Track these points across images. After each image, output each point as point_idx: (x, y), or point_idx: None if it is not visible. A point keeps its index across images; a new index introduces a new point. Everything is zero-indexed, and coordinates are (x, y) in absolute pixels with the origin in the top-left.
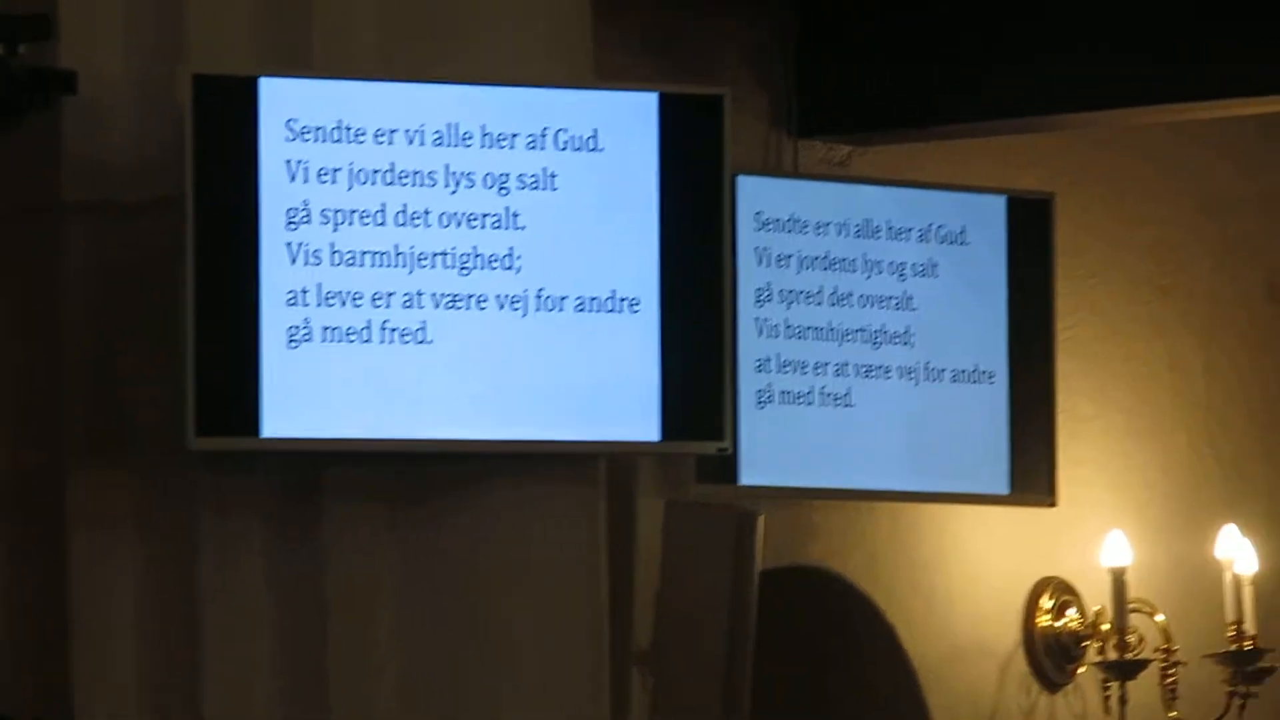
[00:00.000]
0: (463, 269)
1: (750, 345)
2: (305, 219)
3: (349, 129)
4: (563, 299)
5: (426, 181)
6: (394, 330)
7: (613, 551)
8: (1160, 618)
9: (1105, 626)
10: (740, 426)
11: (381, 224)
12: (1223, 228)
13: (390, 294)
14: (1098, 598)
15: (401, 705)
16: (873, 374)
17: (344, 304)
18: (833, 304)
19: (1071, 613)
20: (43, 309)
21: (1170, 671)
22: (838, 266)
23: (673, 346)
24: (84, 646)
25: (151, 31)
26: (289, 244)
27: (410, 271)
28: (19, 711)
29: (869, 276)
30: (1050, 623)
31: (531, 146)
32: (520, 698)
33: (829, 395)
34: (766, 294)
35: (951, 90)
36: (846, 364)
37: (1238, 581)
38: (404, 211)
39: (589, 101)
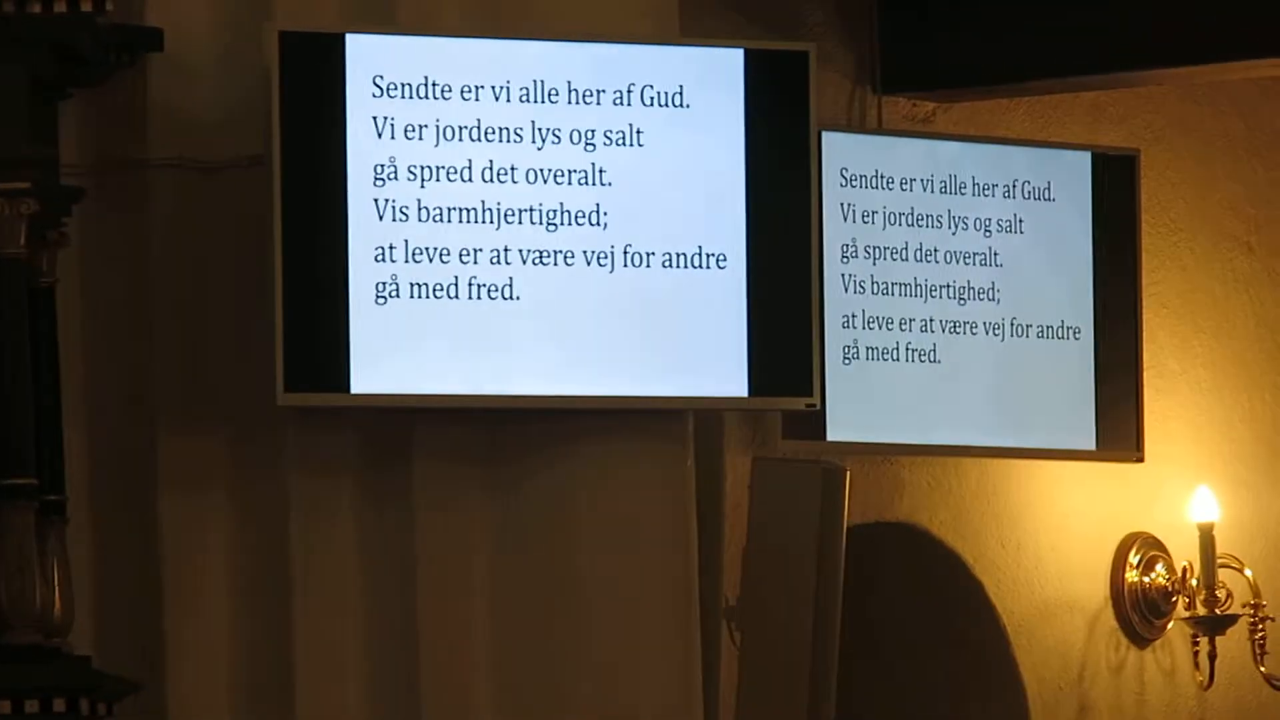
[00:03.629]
0: (550, 225)
1: (836, 301)
2: (392, 175)
3: (435, 85)
4: (650, 255)
5: (513, 138)
6: (481, 286)
7: (700, 507)
8: (1249, 573)
9: (1193, 582)
10: (827, 382)
11: (469, 180)
12: None
13: (478, 250)
14: (1185, 553)
15: (493, 661)
16: (959, 330)
17: (431, 260)
18: (918, 260)
19: (1159, 568)
20: (130, 266)
21: (1259, 626)
22: (923, 222)
23: (760, 302)
24: (177, 606)
25: None
26: (376, 200)
27: (497, 228)
28: (115, 670)
29: (954, 232)
30: (1138, 578)
31: (618, 103)
32: (611, 653)
33: (915, 351)
34: (852, 250)
35: (1035, 46)
36: (932, 320)
37: None
38: (491, 168)
39: (675, 58)
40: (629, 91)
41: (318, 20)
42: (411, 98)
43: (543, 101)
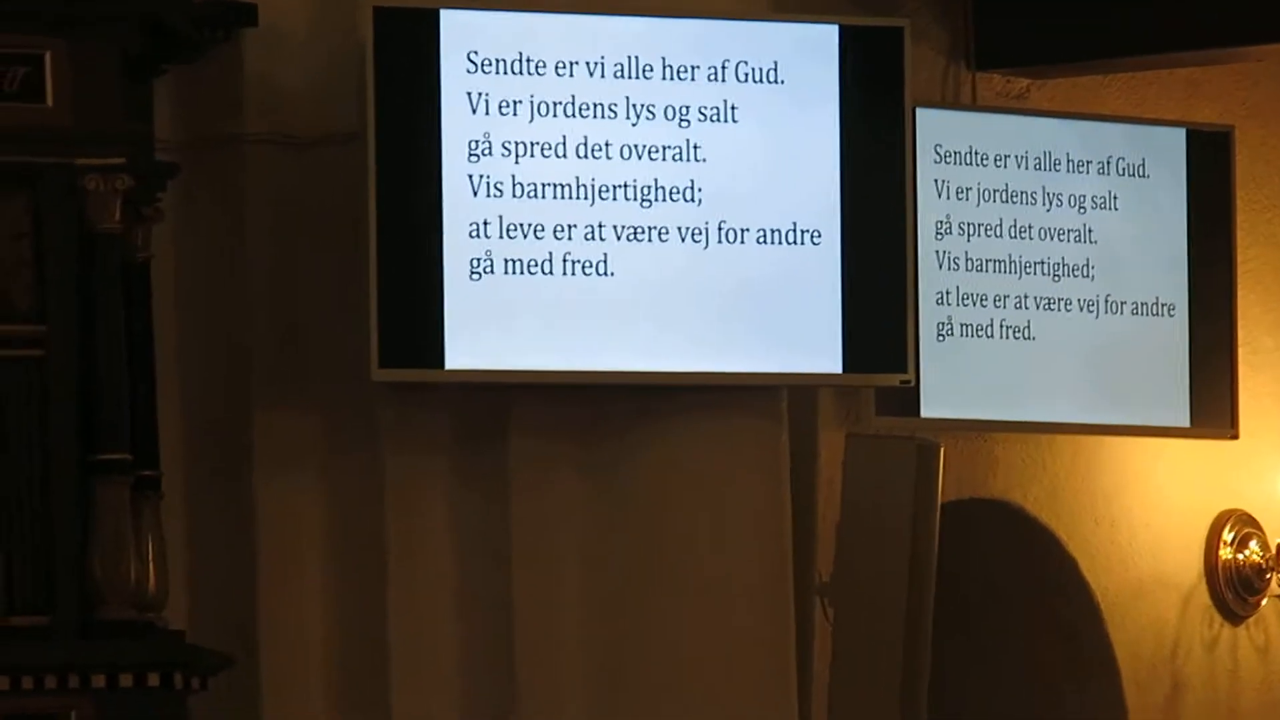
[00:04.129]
0: (644, 201)
1: (931, 278)
2: (487, 151)
3: (530, 61)
4: (744, 231)
5: (607, 114)
6: (576, 262)
7: (795, 483)
8: None
9: None
10: (921, 359)
11: (563, 156)
12: None
13: (572, 226)
14: None
15: (586, 636)
16: (1053, 306)
17: (526, 236)
18: (1013, 236)
19: (1253, 545)
20: (224, 241)
21: None
22: (1017, 199)
23: (854, 278)
24: (270, 582)
25: None
26: (470, 176)
27: (592, 204)
28: (208, 645)
29: (1049, 209)
30: (1232, 555)
31: (712, 79)
32: (705, 630)
33: (1009, 328)
34: (946, 226)
35: (1130, 23)
36: (1027, 296)
37: None
38: (585, 144)
39: (769, 33)
40: (723, 67)
41: None
42: (506, 73)
43: (637, 77)
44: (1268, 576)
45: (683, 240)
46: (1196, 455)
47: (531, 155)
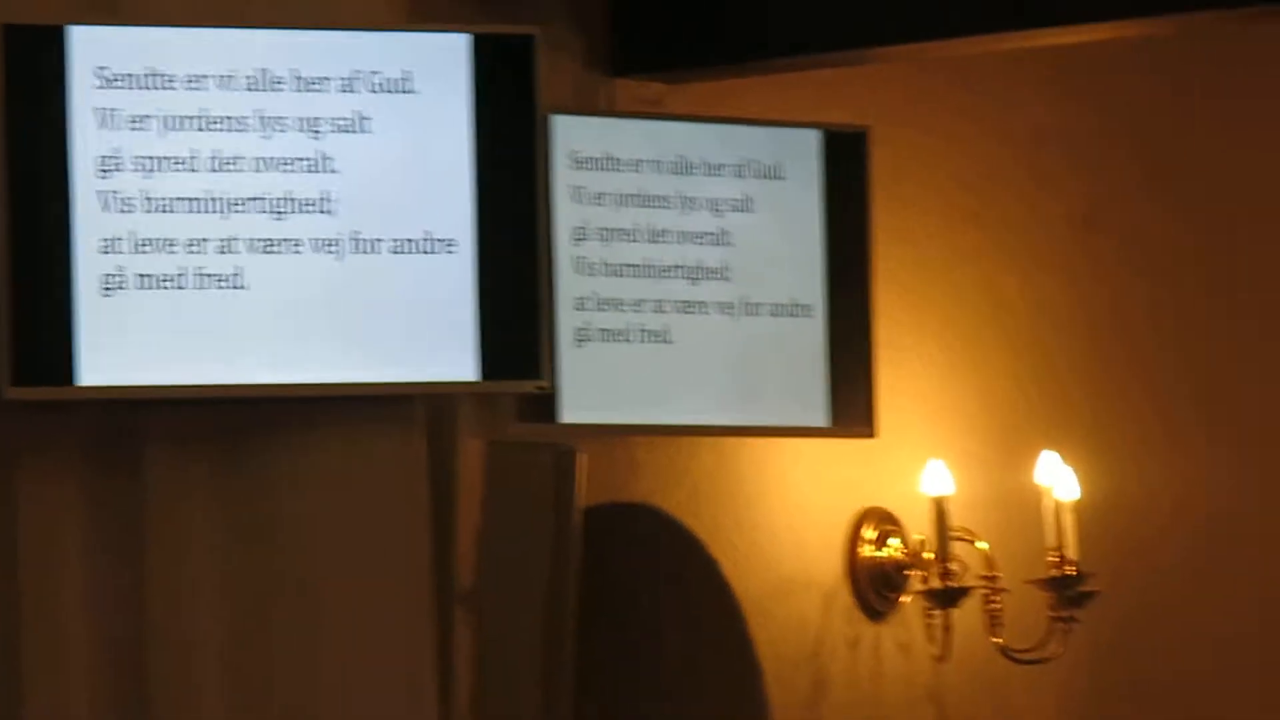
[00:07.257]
0: (277, 214)
1: (568, 284)
2: (117, 167)
3: (160, 75)
4: (378, 241)
5: (238, 127)
6: (209, 276)
7: (434, 493)
8: (982, 545)
9: (927, 555)
10: (560, 365)
11: (194, 170)
12: (1035, 158)
13: (204, 240)
14: (920, 527)
15: (221, 654)
16: (691, 310)
17: (158, 251)
18: (650, 241)
19: (894, 542)
20: None
21: (993, 598)
22: (654, 203)
23: (489, 286)
24: None
25: None
26: (100, 192)
27: (224, 217)
28: None
29: (685, 213)
30: (873, 553)
31: (344, 90)
32: (343, 643)
33: (648, 332)
34: (583, 232)
35: (766, 26)
36: (664, 301)
37: (1058, 508)
38: (216, 157)
39: (401, 44)
40: (355, 78)
41: (40, 12)
42: (136, 88)
43: (268, 90)
44: (907, 574)
45: (316, 252)
46: (836, 455)
47: (162, 170)
